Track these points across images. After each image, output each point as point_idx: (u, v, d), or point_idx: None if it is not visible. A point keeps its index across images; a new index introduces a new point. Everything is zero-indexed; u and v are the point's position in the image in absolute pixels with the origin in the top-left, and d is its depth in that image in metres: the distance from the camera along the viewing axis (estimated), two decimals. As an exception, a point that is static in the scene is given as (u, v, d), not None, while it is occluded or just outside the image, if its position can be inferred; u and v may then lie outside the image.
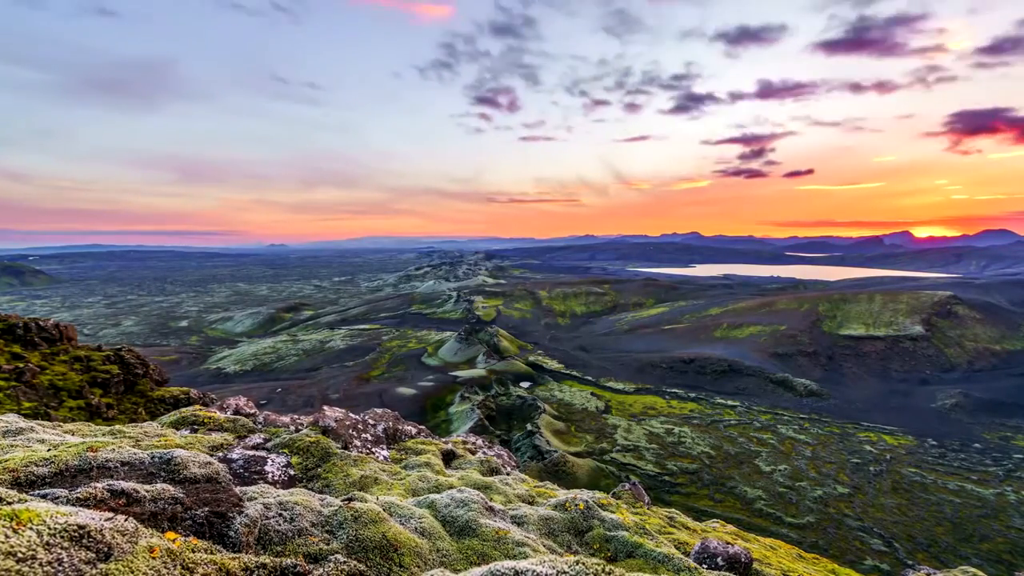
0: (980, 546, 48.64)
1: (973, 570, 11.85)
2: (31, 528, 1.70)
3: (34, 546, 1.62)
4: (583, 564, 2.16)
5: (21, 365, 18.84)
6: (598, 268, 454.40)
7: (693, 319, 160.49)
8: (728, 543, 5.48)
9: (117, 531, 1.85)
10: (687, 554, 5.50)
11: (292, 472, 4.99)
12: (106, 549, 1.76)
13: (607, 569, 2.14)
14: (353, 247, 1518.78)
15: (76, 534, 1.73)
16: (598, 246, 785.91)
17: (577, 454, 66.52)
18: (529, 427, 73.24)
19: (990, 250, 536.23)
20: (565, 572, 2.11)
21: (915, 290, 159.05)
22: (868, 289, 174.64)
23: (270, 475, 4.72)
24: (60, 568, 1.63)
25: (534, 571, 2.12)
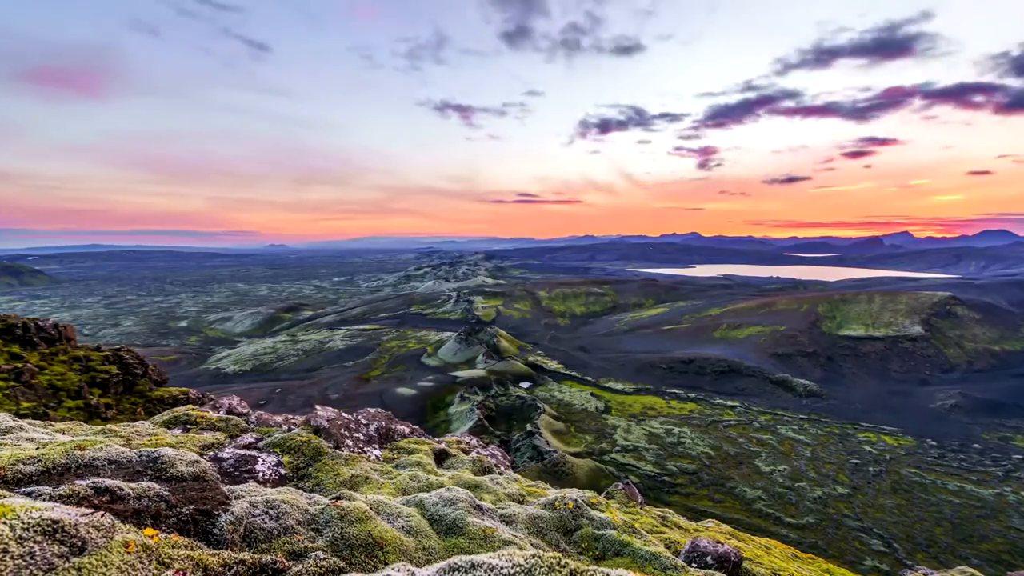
0: (979, 546, 48.63)
1: (971, 570, 11.88)
2: (4, 522, 1.73)
3: (6, 539, 1.65)
4: (539, 558, 2.19)
5: (20, 365, 18.86)
6: (598, 268, 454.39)
7: (693, 319, 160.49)
8: (718, 542, 5.51)
9: (92, 526, 1.88)
10: (677, 553, 5.53)
11: (283, 471, 5.01)
12: (80, 543, 1.79)
13: (562, 563, 2.14)
14: (352, 247, 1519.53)
15: (50, 529, 1.77)
16: (598, 246, 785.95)
17: (577, 454, 66.51)
18: (529, 427, 73.25)
19: (989, 250, 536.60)
20: (521, 565, 2.16)
21: (914, 291, 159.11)
22: (867, 290, 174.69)
23: (260, 474, 4.75)
24: (32, 561, 1.67)
25: (490, 564, 2.17)
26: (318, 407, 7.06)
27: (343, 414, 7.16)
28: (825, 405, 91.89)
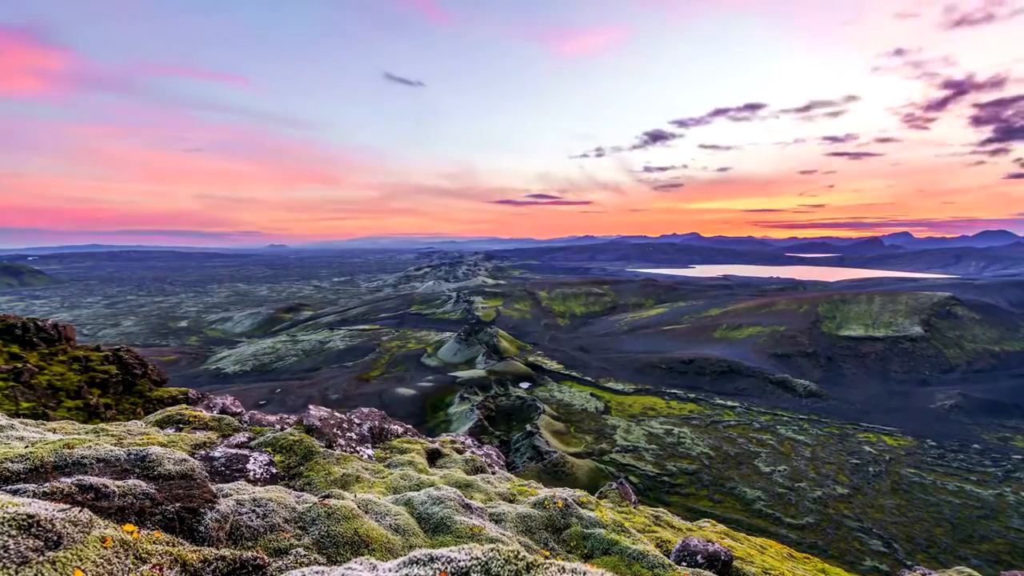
0: (979, 547, 48.61)
1: (969, 570, 11.91)
2: (-21, 517, 1.75)
3: (-19, 534, 1.67)
4: (496, 551, 2.27)
5: (19, 365, 18.90)
6: (598, 269, 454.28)
7: (692, 320, 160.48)
8: (709, 541, 5.53)
9: (69, 521, 1.91)
10: (668, 552, 5.56)
11: (274, 470, 5.04)
12: (55, 538, 1.82)
13: (520, 556, 2.24)
14: (352, 247, 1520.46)
15: (25, 523, 1.80)
16: (598, 247, 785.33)
17: (576, 455, 66.50)
18: (528, 428, 73.24)
19: (989, 251, 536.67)
20: (478, 558, 2.26)
21: (914, 291, 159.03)
22: (867, 290, 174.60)
23: (251, 473, 4.78)
24: (6, 554, 1.69)
25: (448, 557, 2.28)
26: (311, 406, 7.09)
27: (336, 413, 7.19)
28: (825, 405, 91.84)
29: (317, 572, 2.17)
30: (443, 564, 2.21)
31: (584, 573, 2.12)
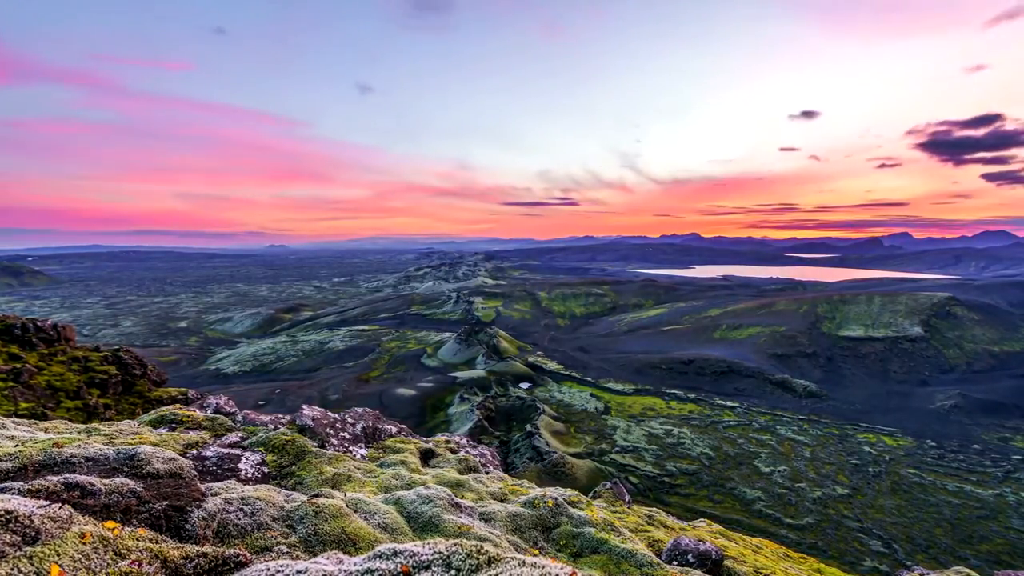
0: (979, 547, 48.62)
1: (967, 570, 11.92)
2: (-43, 514, 1.77)
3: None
4: (459, 546, 2.33)
5: (19, 365, 18.94)
6: (597, 269, 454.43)
7: (692, 320, 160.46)
8: (701, 540, 5.56)
9: (48, 517, 1.93)
10: (660, 552, 5.59)
11: (266, 469, 5.07)
12: (33, 533, 1.85)
13: (483, 550, 2.31)
14: (352, 247, 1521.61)
15: (3, 519, 1.83)
16: (598, 247, 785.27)
17: (576, 455, 66.51)
18: (528, 428, 73.24)
19: (989, 251, 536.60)
20: (440, 553, 2.31)
21: (914, 291, 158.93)
22: (867, 290, 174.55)
23: (243, 472, 4.81)
24: None
25: (411, 551, 2.34)
26: (304, 406, 7.12)
27: (329, 413, 7.23)
28: (825, 406, 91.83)
29: (282, 566, 2.21)
30: (406, 558, 2.26)
31: (543, 567, 2.13)
